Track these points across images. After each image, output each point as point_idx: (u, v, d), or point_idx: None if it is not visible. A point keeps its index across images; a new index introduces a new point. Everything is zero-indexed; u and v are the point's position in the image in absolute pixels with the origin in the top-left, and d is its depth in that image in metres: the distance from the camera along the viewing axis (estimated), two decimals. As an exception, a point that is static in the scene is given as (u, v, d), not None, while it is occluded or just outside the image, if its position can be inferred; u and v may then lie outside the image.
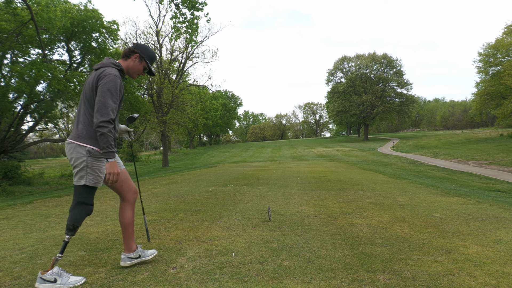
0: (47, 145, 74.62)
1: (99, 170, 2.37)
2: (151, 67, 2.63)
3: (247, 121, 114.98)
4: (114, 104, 2.31)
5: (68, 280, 2.25)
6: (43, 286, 2.21)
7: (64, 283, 2.23)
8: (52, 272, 2.24)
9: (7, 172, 15.42)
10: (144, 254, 2.65)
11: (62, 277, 2.24)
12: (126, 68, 2.55)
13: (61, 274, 2.26)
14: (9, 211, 5.32)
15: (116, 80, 2.33)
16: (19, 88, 13.76)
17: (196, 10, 10.81)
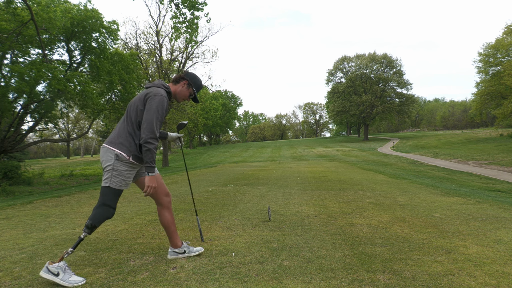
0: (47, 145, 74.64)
1: (125, 175, 2.50)
2: (196, 94, 2.81)
3: (247, 121, 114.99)
4: (159, 123, 2.50)
5: (69, 278, 2.28)
6: (46, 276, 2.27)
7: (64, 279, 2.26)
8: (58, 266, 2.29)
9: (7, 172, 15.40)
10: (190, 250, 2.79)
11: (65, 273, 2.28)
12: (174, 91, 2.74)
13: (65, 270, 2.30)
14: (9, 211, 5.32)
15: (163, 101, 2.52)
16: (19, 88, 13.75)
17: (196, 10, 10.81)
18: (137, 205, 5.62)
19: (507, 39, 30.41)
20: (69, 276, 2.28)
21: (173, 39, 24.27)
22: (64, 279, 2.25)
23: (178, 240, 2.78)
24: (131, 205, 5.64)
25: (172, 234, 2.75)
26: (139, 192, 7.39)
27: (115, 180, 2.46)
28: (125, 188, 2.53)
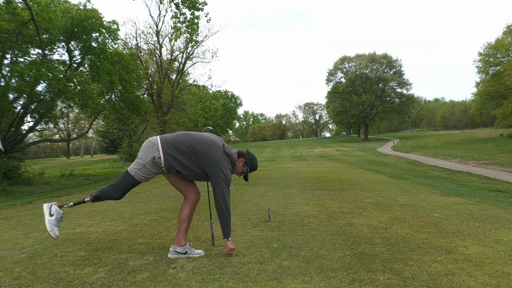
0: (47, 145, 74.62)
1: (150, 174, 2.73)
2: (247, 174, 3.07)
3: (247, 121, 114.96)
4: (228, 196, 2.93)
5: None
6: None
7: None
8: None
9: (7, 172, 15.39)
10: (191, 252, 2.85)
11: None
12: (236, 169, 3.04)
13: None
14: (9, 211, 5.32)
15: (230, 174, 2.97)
16: (19, 88, 13.74)
17: (196, 10, 10.81)
18: (137, 205, 5.62)
19: (507, 39, 30.41)
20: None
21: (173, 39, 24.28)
22: (51, 222, 2.55)
23: (184, 239, 2.84)
24: (131, 205, 5.64)
25: (183, 231, 2.84)
26: (139, 192, 7.39)
27: (140, 173, 2.70)
28: (142, 181, 2.74)
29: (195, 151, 2.73)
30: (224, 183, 2.78)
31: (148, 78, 24.24)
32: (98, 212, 5.04)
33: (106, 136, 51.75)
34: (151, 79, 24.61)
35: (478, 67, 33.77)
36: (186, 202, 2.88)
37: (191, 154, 2.72)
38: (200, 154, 2.72)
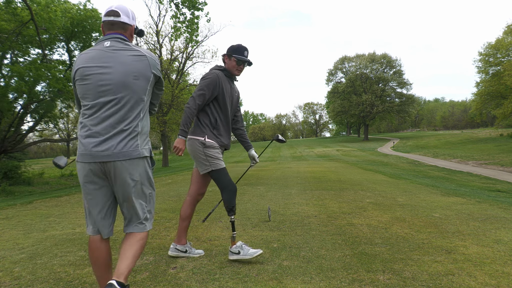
0: (47, 145, 74.58)
1: (215, 155, 2.72)
2: (241, 57, 2.81)
3: (247, 121, 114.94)
4: (201, 91, 2.68)
5: (248, 251, 2.64)
6: (232, 257, 2.67)
7: (245, 253, 2.63)
8: (236, 246, 2.67)
9: (7, 172, 15.40)
10: (191, 251, 2.84)
11: (244, 249, 2.65)
12: (227, 69, 2.87)
13: (243, 247, 2.66)
14: (9, 211, 5.32)
15: (213, 74, 2.75)
16: (18, 88, 13.75)
17: (196, 10, 10.82)
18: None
19: (507, 39, 30.40)
20: (247, 251, 2.64)
21: (173, 39, 24.27)
22: (244, 254, 2.62)
23: (184, 238, 2.84)
24: (131, 205, 5.63)
25: (183, 229, 2.84)
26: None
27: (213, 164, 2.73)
28: (222, 166, 2.74)
29: None
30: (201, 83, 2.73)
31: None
32: (98, 212, 5.04)
33: (106, 136, 51.65)
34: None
35: (478, 67, 33.77)
36: (189, 199, 2.89)
37: None
38: None
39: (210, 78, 2.72)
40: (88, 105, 1.75)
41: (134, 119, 1.77)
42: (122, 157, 1.72)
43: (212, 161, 2.70)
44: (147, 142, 1.86)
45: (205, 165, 2.71)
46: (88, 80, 1.74)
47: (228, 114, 2.84)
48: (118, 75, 1.74)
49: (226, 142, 2.85)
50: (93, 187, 1.78)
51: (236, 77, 2.92)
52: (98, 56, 1.76)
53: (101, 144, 1.71)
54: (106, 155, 1.71)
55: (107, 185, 1.80)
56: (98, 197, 1.79)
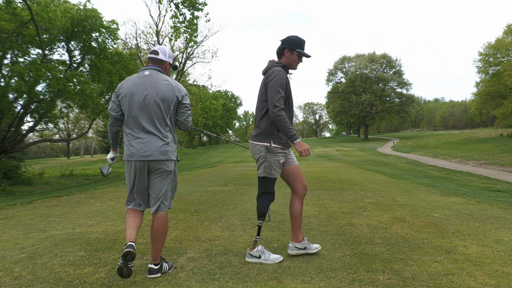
0: (47, 145, 74.59)
1: (275, 164, 2.68)
2: (305, 53, 2.75)
3: (247, 121, 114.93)
4: (280, 94, 2.56)
5: (269, 257, 2.64)
6: (251, 260, 2.66)
7: (266, 259, 2.63)
8: (257, 250, 2.67)
9: (7, 172, 15.40)
10: (309, 247, 2.80)
11: (265, 254, 2.65)
12: (286, 64, 2.76)
13: (264, 251, 2.67)
14: (9, 211, 5.32)
15: (280, 74, 2.61)
16: (19, 88, 13.75)
17: (196, 10, 10.82)
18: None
19: (507, 39, 30.39)
20: (269, 256, 2.63)
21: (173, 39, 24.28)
22: (266, 259, 2.61)
23: (300, 234, 2.81)
24: (131, 205, 5.63)
25: (298, 227, 2.80)
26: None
27: (267, 170, 2.72)
28: (275, 176, 2.76)
29: None
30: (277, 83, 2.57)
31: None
32: (98, 212, 5.04)
33: (106, 136, 51.73)
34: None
35: (478, 67, 33.75)
36: (295, 197, 2.83)
37: None
38: None
39: (279, 78, 2.58)
40: (132, 117, 2.38)
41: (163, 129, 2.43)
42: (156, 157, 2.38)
43: (269, 167, 2.68)
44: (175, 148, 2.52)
45: (263, 170, 2.69)
46: (132, 98, 2.37)
47: (292, 111, 2.75)
48: (152, 96, 2.36)
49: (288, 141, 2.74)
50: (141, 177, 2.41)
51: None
52: (139, 82, 2.40)
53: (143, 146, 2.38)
54: (146, 155, 2.36)
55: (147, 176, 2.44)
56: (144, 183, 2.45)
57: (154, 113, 2.36)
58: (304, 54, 2.73)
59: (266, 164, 2.66)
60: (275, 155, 2.65)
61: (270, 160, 2.66)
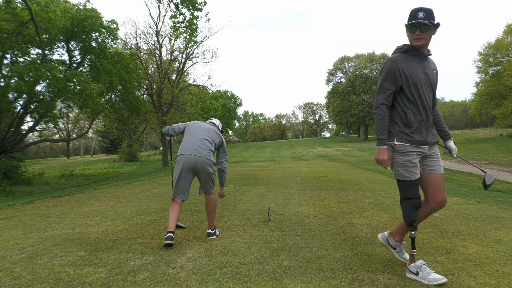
0: (47, 145, 74.58)
1: (405, 164, 2.30)
2: (411, 22, 2.25)
3: (247, 121, 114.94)
4: (380, 92, 2.35)
5: (428, 276, 2.26)
6: (409, 275, 2.35)
7: (423, 277, 2.27)
8: (415, 265, 2.33)
9: (7, 172, 15.41)
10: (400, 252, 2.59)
11: (423, 272, 2.28)
12: (410, 44, 2.35)
13: (422, 268, 2.30)
14: (9, 211, 5.32)
15: (387, 65, 2.35)
16: (18, 88, 13.75)
17: (196, 10, 10.81)
18: (137, 205, 5.62)
19: (507, 39, 30.39)
20: (427, 274, 2.26)
21: (173, 39, 24.28)
22: (423, 277, 2.26)
23: (401, 236, 2.55)
24: (131, 205, 5.64)
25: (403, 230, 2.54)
26: (139, 192, 7.39)
27: (397, 172, 2.36)
28: (413, 179, 2.31)
29: None
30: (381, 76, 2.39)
31: (148, 78, 24.23)
32: (98, 212, 5.04)
33: (106, 136, 51.73)
34: (151, 79, 24.60)
35: (478, 67, 33.73)
36: (426, 205, 2.41)
37: None
38: None
39: (385, 69, 2.34)
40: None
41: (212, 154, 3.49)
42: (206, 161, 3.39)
43: (397, 169, 2.33)
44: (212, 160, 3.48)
45: (394, 172, 2.38)
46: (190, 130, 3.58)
47: (422, 101, 2.30)
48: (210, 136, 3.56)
49: (425, 138, 2.31)
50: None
51: (428, 51, 2.35)
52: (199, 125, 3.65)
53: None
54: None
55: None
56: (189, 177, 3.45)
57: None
58: (410, 24, 2.25)
59: (395, 165, 2.35)
60: (403, 154, 2.30)
61: (397, 160, 2.32)
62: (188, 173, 3.35)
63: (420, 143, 2.30)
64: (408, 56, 2.32)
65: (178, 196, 3.36)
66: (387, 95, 2.32)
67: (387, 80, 2.32)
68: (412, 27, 2.24)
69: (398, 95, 2.34)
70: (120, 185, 9.36)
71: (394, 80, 2.31)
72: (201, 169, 3.33)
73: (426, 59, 2.35)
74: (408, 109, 2.30)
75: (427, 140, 2.32)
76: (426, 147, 2.35)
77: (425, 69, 2.31)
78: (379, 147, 2.31)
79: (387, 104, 2.32)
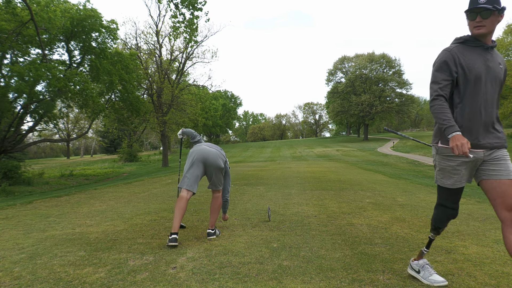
0: (47, 145, 74.61)
1: (447, 169, 2.08)
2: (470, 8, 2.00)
3: (247, 121, 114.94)
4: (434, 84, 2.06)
5: (429, 276, 2.20)
6: (410, 272, 2.34)
7: (424, 277, 2.22)
8: (418, 263, 2.29)
9: (7, 172, 15.41)
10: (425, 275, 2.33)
11: (425, 271, 2.24)
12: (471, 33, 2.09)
13: (424, 267, 2.25)
14: (9, 211, 5.32)
15: (440, 55, 2.09)
16: (19, 88, 13.75)
17: (196, 9, 10.81)
18: (137, 205, 5.62)
19: (507, 39, 30.38)
20: (429, 275, 2.20)
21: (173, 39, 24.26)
22: (424, 277, 2.22)
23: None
24: (131, 205, 5.64)
25: None
26: (139, 192, 7.39)
27: (438, 177, 2.18)
28: (455, 186, 2.10)
29: None
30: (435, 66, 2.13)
31: (148, 78, 24.23)
32: (98, 212, 5.04)
33: (106, 136, 51.74)
34: (151, 79, 24.59)
35: (478, 67, 33.68)
36: (504, 228, 2.00)
37: None
38: None
39: (438, 60, 2.07)
40: None
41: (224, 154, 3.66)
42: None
43: (438, 173, 2.15)
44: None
45: (435, 175, 2.19)
46: (195, 153, 3.53)
47: (480, 98, 2.01)
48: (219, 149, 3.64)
49: (478, 140, 2.01)
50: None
51: (492, 42, 2.06)
52: (204, 146, 3.54)
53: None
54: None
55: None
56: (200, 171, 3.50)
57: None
58: (469, 10, 2.01)
59: (436, 169, 2.16)
60: (445, 158, 2.08)
61: (440, 164, 2.12)
62: (199, 165, 3.39)
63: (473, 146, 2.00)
64: (467, 47, 2.05)
65: (186, 185, 3.33)
66: (443, 85, 2.03)
67: (440, 71, 2.05)
68: (472, 13, 1.98)
69: (454, 89, 2.07)
70: (120, 185, 9.36)
71: (448, 72, 2.03)
72: (212, 161, 3.39)
73: (490, 51, 2.06)
74: (462, 105, 2.03)
75: (480, 143, 2.01)
76: (481, 151, 2.02)
77: (488, 62, 2.02)
78: (451, 135, 1.91)
79: (443, 95, 2.02)
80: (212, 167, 3.43)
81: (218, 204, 3.56)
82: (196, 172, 3.40)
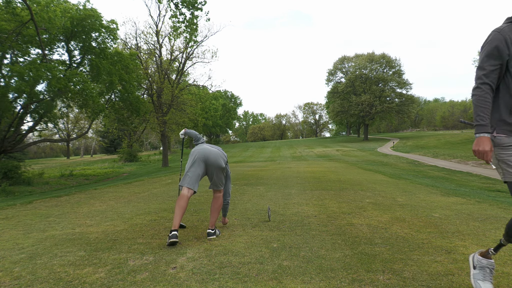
0: (47, 145, 74.60)
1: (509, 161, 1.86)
2: None
3: (247, 121, 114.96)
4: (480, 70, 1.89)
5: (479, 279, 2.03)
6: (470, 260, 2.16)
7: (476, 277, 2.05)
8: (481, 261, 2.08)
9: (7, 172, 15.41)
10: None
11: (482, 272, 2.05)
12: None
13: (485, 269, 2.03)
14: (9, 211, 5.32)
15: (492, 36, 1.89)
16: (19, 88, 13.75)
17: (196, 9, 10.81)
18: (137, 205, 5.62)
19: None
20: (482, 278, 1.98)
21: (173, 39, 24.26)
22: (475, 276, 2.04)
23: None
24: (131, 205, 5.64)
25: None
26: (138, 192, 7.39)
27: (503, 172, 1.92)
28: None
29: None
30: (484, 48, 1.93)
31: (148, 78, 24.23)
32: (98, 212, 5.04)
33: (106, 136, 51.77)
34: (151, 79, 24.59)
35: (478, 67, 33.74)
36: None
37: None
38: None
39: (488, 41, 1.89)
40: None
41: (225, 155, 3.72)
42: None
43: (505, 168, 1.88)
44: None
45: (499, 171, 1.95)
46: (196, 152, 3.55)
47: None
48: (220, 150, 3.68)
49: None
50: None
51: None
52: (206, 146, 3.59)
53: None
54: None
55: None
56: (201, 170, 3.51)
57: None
58: None
59: (502, 164, 1.90)
60: (505, 148, 1.87)
61: (501, 156, 1.89)
62: (200, 164, 3.43)
63: None
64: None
65: (187, 183, 3.36)
66: (489, 71, 1.86)
67: (489, 54, 1.87)
68: None
69: (505, 74, 1.88)
70: (120, 185, 9.36)
71: (498, 54, 1.85)
72: (214, 161, 3.44)
73: None
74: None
75: None
76: None
77: None
78: (479, 135, 1.83)
79: (489, 84, 1.86)
80: (213, 167, 3.46)
81: (218, 204, 3.58)
82: (198, 171, 3.42)
